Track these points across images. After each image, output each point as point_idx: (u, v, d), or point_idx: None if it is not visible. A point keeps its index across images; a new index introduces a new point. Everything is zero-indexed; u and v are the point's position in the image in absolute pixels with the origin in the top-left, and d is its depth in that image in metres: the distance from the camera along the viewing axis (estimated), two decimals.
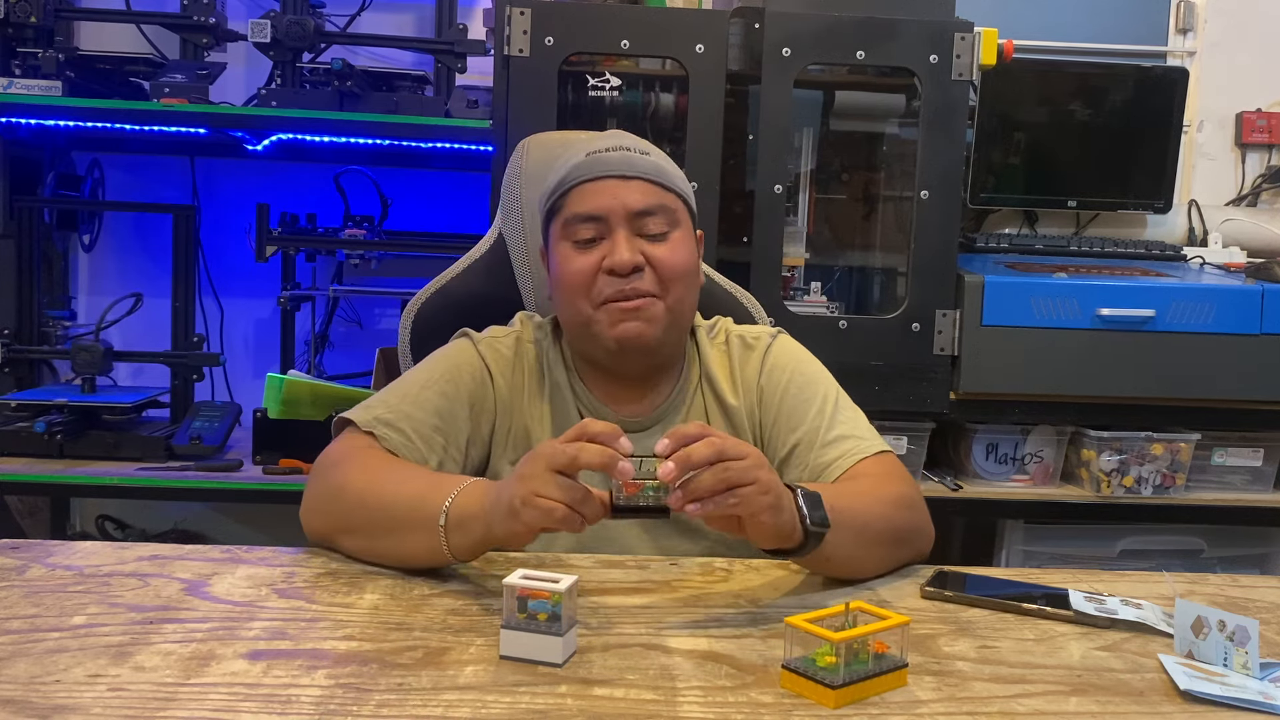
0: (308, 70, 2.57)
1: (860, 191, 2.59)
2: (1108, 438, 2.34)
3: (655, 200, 1.21)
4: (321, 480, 1.14)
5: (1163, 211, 2.66)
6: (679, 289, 1.21)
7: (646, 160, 1.23)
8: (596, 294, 1.20)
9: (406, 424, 1.17)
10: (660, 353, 1.25)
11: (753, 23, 2.26)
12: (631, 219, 1.20)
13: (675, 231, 1.22)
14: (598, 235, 1.20)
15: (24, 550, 1.09)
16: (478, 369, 1.25)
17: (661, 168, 1.24)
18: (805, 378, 1.29)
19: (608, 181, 1.21)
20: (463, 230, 2.80)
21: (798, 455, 1.24)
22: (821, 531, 0.99)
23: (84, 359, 2.43)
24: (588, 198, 1.21)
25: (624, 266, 1.18)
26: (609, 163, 1.21)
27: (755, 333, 1.34)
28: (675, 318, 1.23)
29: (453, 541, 1.00)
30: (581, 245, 1.21)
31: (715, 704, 0.79)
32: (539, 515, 0.92)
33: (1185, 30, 2.89)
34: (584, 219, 1.21)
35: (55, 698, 0.75)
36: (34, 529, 2.70)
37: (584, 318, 1.21)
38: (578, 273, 1.20)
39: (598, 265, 1.19)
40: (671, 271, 1.20)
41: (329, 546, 1.12)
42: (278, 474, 2.30)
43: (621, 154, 1.22)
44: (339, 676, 0.81)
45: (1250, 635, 0.88)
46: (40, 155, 2.71)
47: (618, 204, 1.20)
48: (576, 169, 1.23)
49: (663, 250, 1.20)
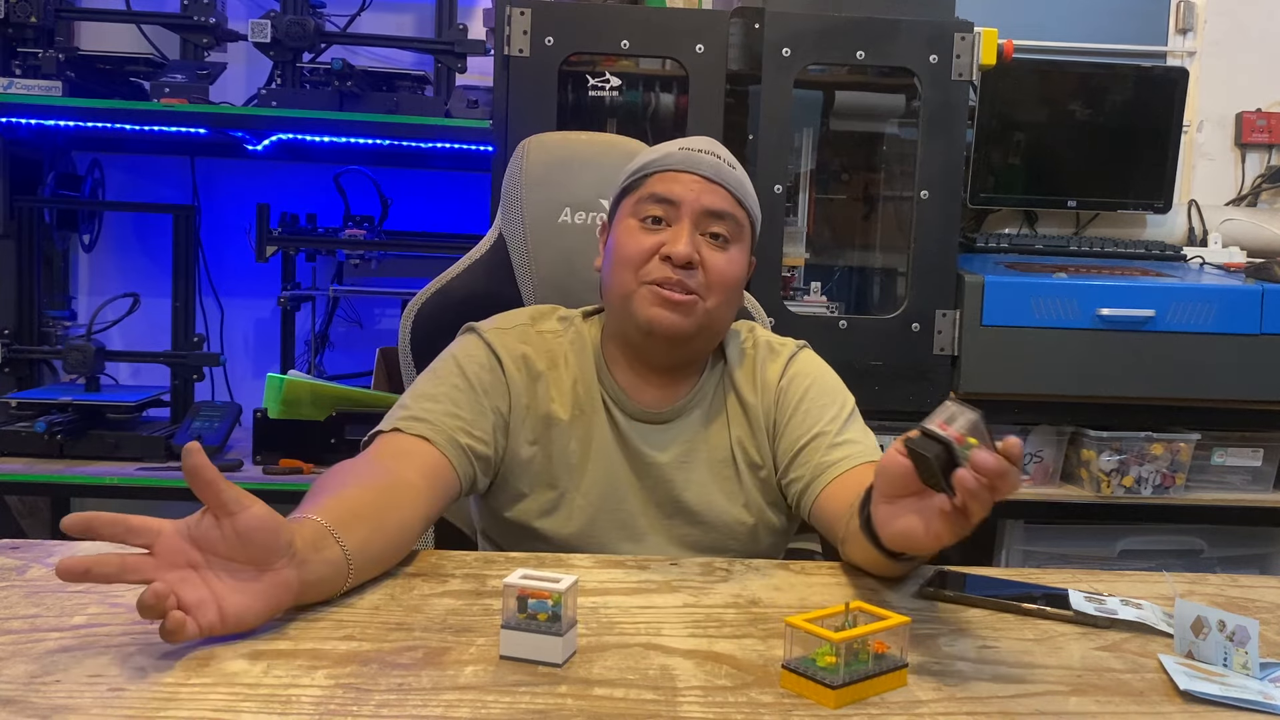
0: (308, 70, 2.57)
1: (860, 191, 2.60)
2: (1108, 438, 2.34)
3: (729, 208, 1.25)
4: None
5: (1163, 211, 2.66)
6: (722, 295, 1.24)
7: (733, 174, 1.27)
8: (645, 273, 1.22)
9: (428, 414, 1.19)
10: (686, 350, 1.27)
11: (753, 23, 2.26)
12: (700, 217, 1.23)
13: (735, 245, 1.26)
14: (666, 219, 1.23)
15: (24, 550, 1.09)
16: (486, 357, 1.26)
17: (744, 184, 1.29)
18: (825, 388, 1.31)
19: (693, 177, 1.24)
20: (463, 230, 2.80)
21: (805, 452, 1.26)
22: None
23: (75, 359, 2.42)
24: (669, 183, 1.24)
25: (681, 258, 1.20)
26: (700, 163, 1.25)
27: (782, 341, 1.37)
28: (710, 322, 1.25)
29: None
30: (647, 224, 1.24)
31: (715, 704, 0.79)
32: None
33: (1185, 30, 2.89)
34: (659, 199, 1.23)
35: (55, 698, 0.75)
36: (34, 529, 2.70)
37: (627, 290, 1.23)
38: (636, 248, 1.23)
39: (656, 248, 1.22)
40: (721, 278, 1.23)
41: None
42: (278, 474, 2.31)
43: (714, 160, 1.26)
44: (339, 676, 0.81)
45: (1250, 635, 0.88)
46: (40, 155, 2.71)
47: (694, 198, 1.23)
48: (668, 156, 1.26)
49: (719, 258, 1.23)
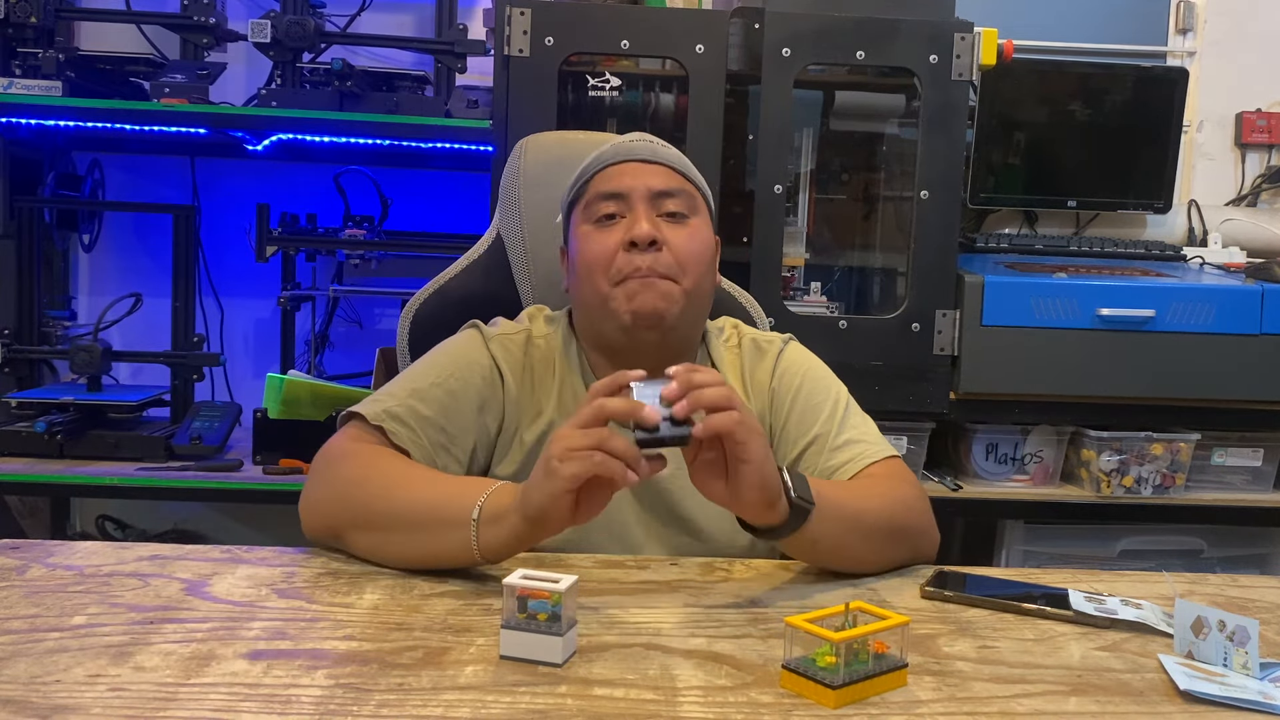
0: (308, 70, 2.57)
1: (860, 191, 2.59)
2: (1108, 438, 2.34)
3: (677, 184, 1.25)
4: (329, 474, 1.12)
5: (1163, 211, 2.66)
6: (695, 273, 1.23)
7: (670, 151, 1.29)
8: (615, 272, 1.21)
9: (415, 421, 1.16)
10: (672, 336, 1.25)
11: (753, 23, 2.26)
12: (652, 198, 1.23)
13: (694, 218, 1.25)
14: (619, 213, 1.23)
15: (24, 550, 1.09)
16: (488, 369, 1.23)
17: (684, 160, 1.29)
18: (817, 383, 1.30)
19: (631, 164, 1.25)
20: (463, 230, 2.80)
21: (807, 458, 1.24)
22: (806, 507, 1.01)
23: (82, 359, 2.42)
24: (611, 178, 1.25)
25: (644, 237, 1.20)
26: (633, 149, 1.27)
27: (768, 337, 1.35)
28: (691, 302, 1.23)
29: (484, 536, 0.99)
30: (603, 223, 1.23)
31: (715, 704, 0.79)
32: (576, 464, 0.93)
33: (1185, 30, 2.89)
34: (606, 196, 1.24)
35: (55, 698, 0.75)
36: (34, 529, 2.70)
37: (601, 295, 1.22)
38: (598, 250, 1.22)
39: (619, 242, 1.21)
40: (689, 254, 1.22)
41: (331, 543, 1.11)
42: (278, 474, 2.31)
43: (648, 145, 1.28)
44: (339, 676, 0.81)
45: (1250, 635, 0.88)
46: (40, 155, 2.70)
47: (639, 183, 1.23)
48: (600, 156, 1.28)
49: (681, 234, 1.23)
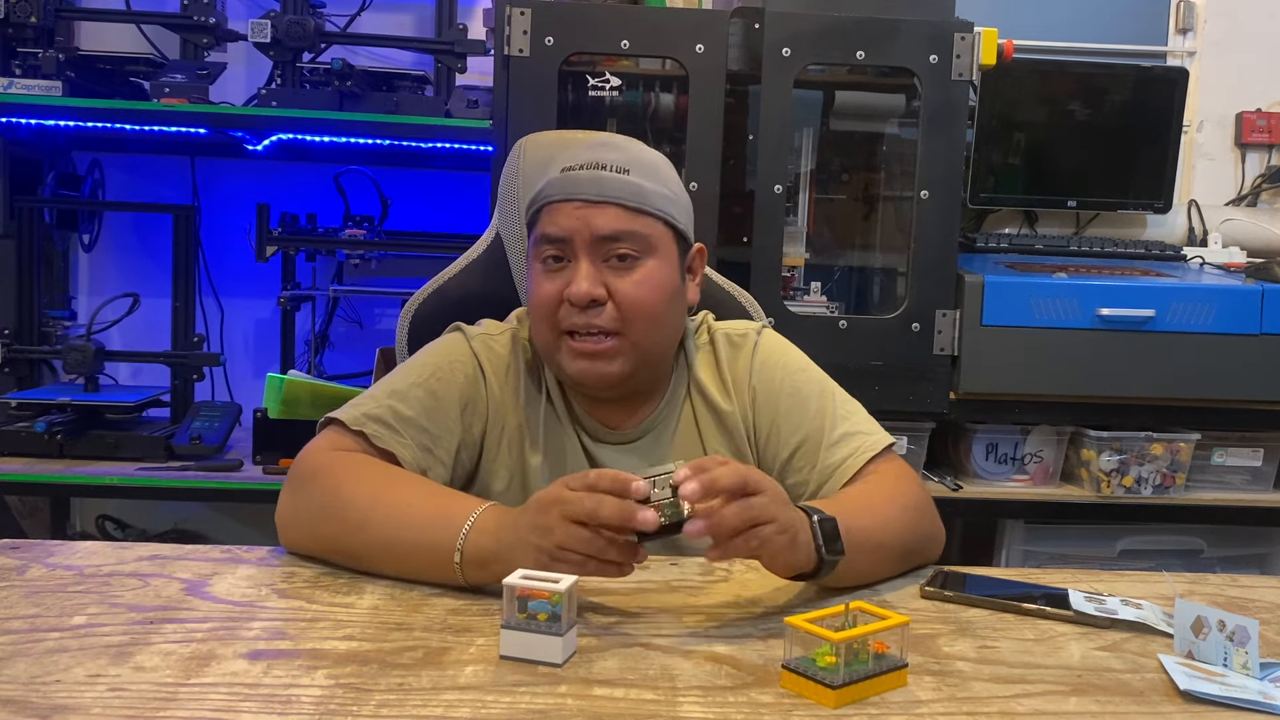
0: (308, 70, 2.57)
1: (860, 191, 2.59)
2: (1108, 438, 2.34)
3: (625, 226, 1.14)
4: (308, 490, 1.09)
5: (1163, 211, 2.66)
6: (643, 325, 1.15)
7: (621, 181, 1.15)
8: (559, 320, 1.15)
9: (396, 421, 1.13)
10: (630, 384, 1.21)
11: (753, 23, 2.26)
12: (596, 244, 1.14)
13: (649, 259, 1.16)
14: (564, 255, 1.15)
15: (24, 550, 1.09)
16: (471, 369, 1.21)
17: (641, 189, 1.15)
18: (799, 375, 1.26)
19: (574, 204, 1.15)
20: (463, 230, 2.80)
21: (803, 455, 1.22)
22: (836, 559, 0.99)
23: (75, 359, 2.42)
24: (555, 218, 1.16)
25: (580, 298, 1.12)
26: (579, 183, 1.15)
27: (740, 329, 1.30)
28: (642, 354, 1.17)
29: (470, 576, 0.99)
30: (549, 266, 1.16)
31: (715, 704, 0.79)
32: (571, 568, 0.91)
33: (1185, 30, 2.89)
34: (549, 239, 1.16)
35: (55, 698, 0.75)
36: (34, 529, 2.70)
37: (547, 343, 1.18)
38: (543, 297, 1.16)
39: (561, 292, 1.14)
40: (634, 308, 1.14)
41: (309, 556, 1.09)
42: (278, 474, 2.31)
43: (593, 174, 1.15)
44: (339, 676, 0.81)
45: (1250, 635, 0.88)
46: (40, 155, 2.71)
47: (583, 226, 1.14)
48: (549, 186, 1.18)
49: (627, 283, 1.14)
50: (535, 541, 0.93)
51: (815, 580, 1.02)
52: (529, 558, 0.93)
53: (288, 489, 1.11)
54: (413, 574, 1.02)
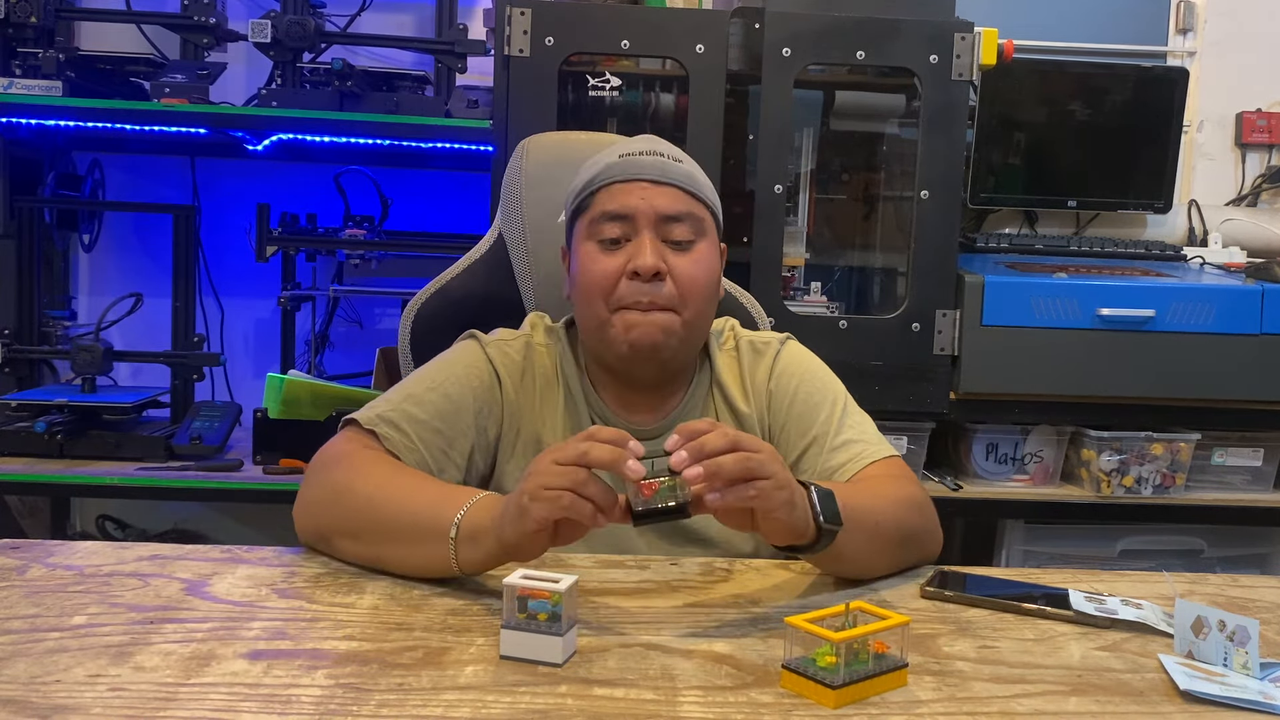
0: (308, 70, 2.57)
1: (860, 191, 2.60)
2: (1108, 438, 2.34)
3: (685, 207, 1.20)
4: (321, 479, 1.12)
5: (1163, 211, 2.66)
6: (698, 303, 1.20)
7: (679, 168, 1.22)
8: (616, 299, 1.19)
9: (409, 425, 1.16)
10: (672, 364, 1.24)
11: (753, 23, 2.26)
12: (659, 223, 1.19)
13: (701, 242, 1.22)
14: (623, 236, 1.19)
15: (24, 550, 1.09)
16: (485, 374, 1.23)
17: (694, 176, 1.23)
18: (814, 383, 1.28)
19: (639, 184, 1.20)
20: (463, 230, 2.80)
21: (807, 459, 1.23)
22: (835, 530, 0.99)
23: (84, 359, 2.43)
24: (618, 197, 1.20)
25: (648, 269, 1.16)
26: (642, 166, 1.21)
27: (765, 338, 1.33)
28: (691, 332, 1.22)
29: (462, 554, 0.99)
30: (606, 246, 1.20)
31: (715, 704, 0.79)
32: (546, 506, 0.91)
33: (1185, 30, 2.89)
34: (612, 217, 1.20)
35: (55, 698, 0.75)
36: (34, 529, 2.70)
37: (600, 320, 1.20)
38: (600, 274, 1.19)
39: (621, 268, 1.18)
40: (692, 285, 1.19)
41: (322, 549, 1.11)
42: (278, 474, 2.31)
43: (655, 159, 1.22)
44: (339, 676, 0.81)
45: (1250, 635, 0.88)
46: (40, 155, 2.71)
47: (647, 206, 1.19)
48: (609, 169, 1.22)
49: (686, 261, 1.19)
50: (522, 488, 0.94)
51: (813, 555, 1.01)
52: (511, 510, 0.94)
53: (304, 481, 1.15)
54: (410, 556, 1.03)
